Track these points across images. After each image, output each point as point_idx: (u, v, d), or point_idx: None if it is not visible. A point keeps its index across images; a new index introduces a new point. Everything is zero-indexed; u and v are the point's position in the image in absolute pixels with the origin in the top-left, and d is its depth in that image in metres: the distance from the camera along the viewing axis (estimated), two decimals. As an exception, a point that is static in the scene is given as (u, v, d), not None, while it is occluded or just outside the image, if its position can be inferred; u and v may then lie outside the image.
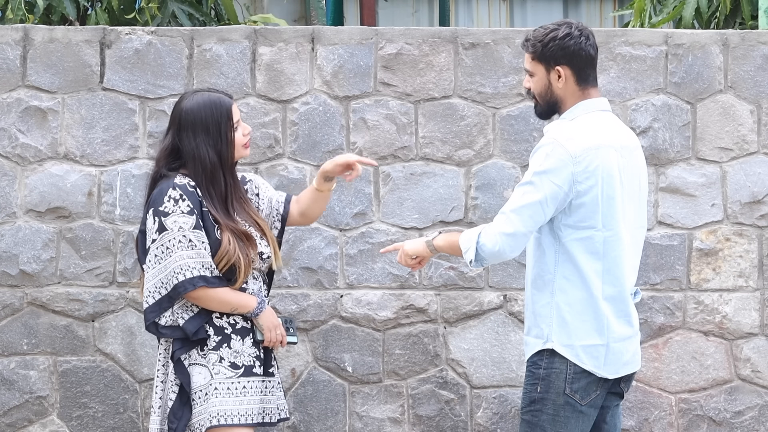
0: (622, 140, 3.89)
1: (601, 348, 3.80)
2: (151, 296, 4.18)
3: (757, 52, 5.29)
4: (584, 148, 3.77)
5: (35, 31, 5.22)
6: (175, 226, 4.12)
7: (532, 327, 3.87)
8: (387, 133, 5.24)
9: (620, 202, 3.82)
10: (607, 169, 3.79)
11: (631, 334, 3.90)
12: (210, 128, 4.16)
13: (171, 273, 4.13)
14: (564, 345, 3.79)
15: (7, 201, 5.19)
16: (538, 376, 3.82)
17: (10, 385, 5.18)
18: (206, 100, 4.20)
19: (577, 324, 3.78)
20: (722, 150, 5.28)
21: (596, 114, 3.88)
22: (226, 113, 4.18)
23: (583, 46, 3.86)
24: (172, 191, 4.15)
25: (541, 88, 3.91)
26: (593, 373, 3.79)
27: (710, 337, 5.28)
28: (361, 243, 5.22)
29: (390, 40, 5.26)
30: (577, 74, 3.87)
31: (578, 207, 3.77)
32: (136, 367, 5.19)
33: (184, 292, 4.14)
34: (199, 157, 4.16)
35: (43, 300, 5.18)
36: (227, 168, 4.21)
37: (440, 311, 5.23)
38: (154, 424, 4.32)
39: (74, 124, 5.20)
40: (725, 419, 5.26)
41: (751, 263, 5.27)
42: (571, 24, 3.88)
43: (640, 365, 4.00)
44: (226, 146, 4.17)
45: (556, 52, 3.85)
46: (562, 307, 3.80)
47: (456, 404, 5.23)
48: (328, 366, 5.23)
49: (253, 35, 5.25)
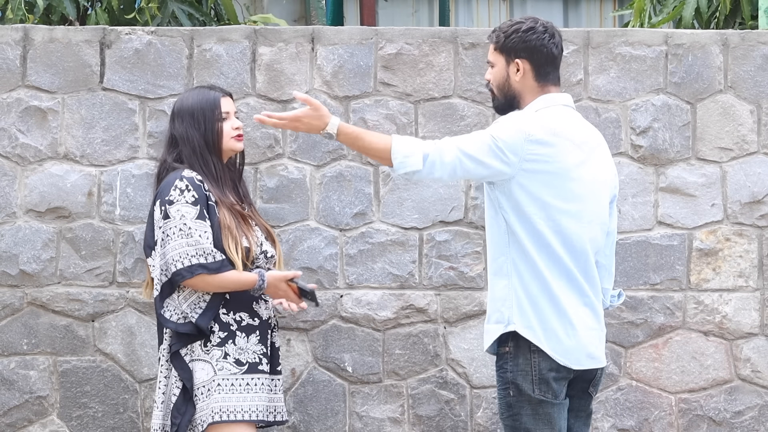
0: (582, 136, 3.88)
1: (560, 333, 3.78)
2: (158, 285, 4.25)
3: (757, 52, 5.29)
4: (542, 132, 3.78)
5: (35, 31, 5.22)
6: (177, 215, 4.21)
7: (492, 313, 3.87)
8: (387, 133, 5.24)
9: (575, 193, 3.80)
10: (562, 160, 3.79)
11: (594, 327, 3.89)
12: (196, 114, 4.37)
13: (170, 261, 4.19)
14: (525, 327, 3.79)
15: (7, 201, 5.19)
16: (507, 380, 3.82)
17: (10, 385, 5.18)
18: (197, 91, 4.46)
19: (534, 308, 3.79)
20: (722, 150, 5.28)
21: (559, 108, 3.88)
22: (212, 102, 4.38)
23: (545, 42, 3.86)
24: (179, 182, 4.28)
25: (499, 80, 3.92)
26: (556, 361, 3.78)
27: (710, 337, 5.28)
28: (361, 243, 5.22)
29: (390, 40, 5.26)
30: (536, 70, 3.88)
31: (521, 188, 3.77)
32: (136, 367, 5.19)
33: (182, 280, 4.19)
34: (188, 140, 4.36)
35: (43, 300, 5.18)
36: (215, 154, 4.37)
37: (440, 311, 5.23)
38: (157, 419, 4.33)
39: (74, 124, 5.20)
40: (725, 419, 5.27)
41: (751, 263, 5.27)
42: (538, 20, 3.91)
43: (605, 363, 4.00)
44: (211, 133, 4.35)
45: (517, 45, 3.87)
46: (517, 289, 3.80)
47: (456, 404, 5.23)
48: (328, 366, 5.23)
49: (253, 35, 5.25)
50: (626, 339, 5.24)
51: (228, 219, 4.30)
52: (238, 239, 4.29)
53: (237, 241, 4.28)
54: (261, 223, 4.50)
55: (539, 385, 3.78)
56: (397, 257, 5.22)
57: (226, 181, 4.41)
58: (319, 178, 5.23)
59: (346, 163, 5.23)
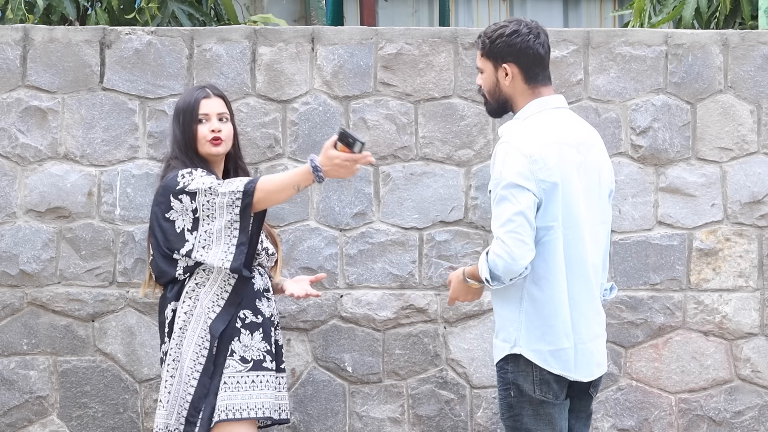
0: (578, 136, 3.85)
1: (570, 351, 3.77)
2: (229, 247, 4.21)
3: (757, 52, 5.28)
4: (538, 146, 3.73)
5: (35, 31, 5.22)
6: (203, 186, 4.19)
7: (500, 330, 3.83)
8: (387, 133, 5.24)
9: (579, 198, 3.78)
10: (565, 166, 3.76)
11: (599, 334, 3.87)
12: (178, 113, 4.42)
13: (230, 198, 4.15)
14: (532, 350, 3.76)
15: (7, 201, 5.18)
16: (508, 380, 3.80)
17: (10, 385, 5.18)
18: (188, 90, 4.52)
19: (544, 329, 3.75)
20: (722, 150, 5.28)
21: (550, 112, 3.84)
22: (192, 103, 4.39)
23: (531, 44, 3.82)
24: (182, 171, 4.30)
25: (489, 85, 3.89)
26: (565, 377, 3.78)
27: (710, 337, 5.27)
28: (361, 243, 5.22)
29: (390, 40, 5.26)
30: (525, 72, 3.83)
31: (541, 207, 3.74)
32: (136, 367, 5.19)
33: (252, 196, 4.15)
34: (174, 138, 4.42)
35: (43, 300, 5.18)
36: (196, 156, 4.38)
37: (440, 311, 5.23)
38: (161, 418, 4.30)
39: (74, 124, 5.20)
40: (725, 419, 5.26)
41: (751, 263, 5.27)
42: (522, 21, 3.85)
43: (606, 367, 3.99)
44: (188, 134, 4.37)
45: (503, 49, 3.82)
46: (529, 311, 3.77)
47: (456, 404, 5.23)
48: (328, 366, 5.23)
49: (253, 35, 5.25)
50: (626, 339, 5.24)
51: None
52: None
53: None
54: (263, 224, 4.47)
55: (540, 386, 3.77)
56: (397, 257, 5.22)
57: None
58: (319, 178, 5.23)
59: (346, 163, 5.23)
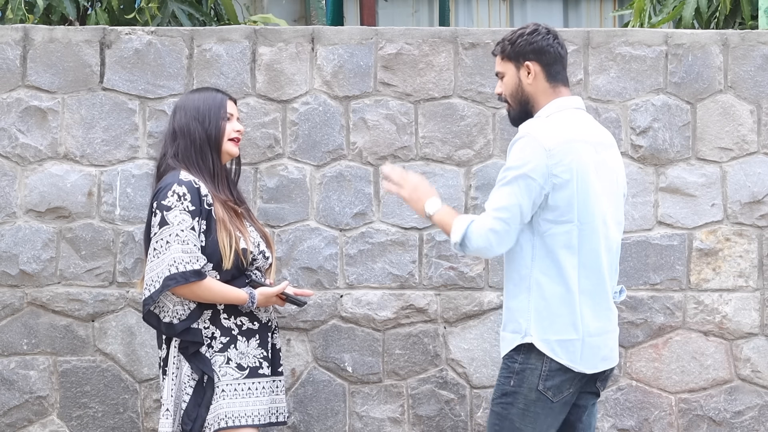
0: (597, 137, 3.93)
1: (576, 342, 3.82)
2: (148, 288, 4.23)
3: (757, 52, 5.29)
4: (558, 141, 3.80)
5: (35, 31, 5.22)
6: (175, 221, 4.20)
7: (509, 322, 3.89)
8: (387, 133, 5.25)
9: (596, 196, 3.85)
10: (582, 163, 3.82)
11: (609, 329, 3.91)
12: (201, 109, 4.38)
13: (166, 266, 4.18)
14: (541, 339, 3.81)
15: (7, 201, 5.19)
16: (512, 370, 3.85)
17: (10, 385, 5.19)
18: (205, 92, 4.48)
19: (553, 318, 3.81)
20: (722, 150, 5.29)
21: (570, 111, 3.92)
22: (219, 101, 4.40)
23: (551, 42, 3.94)
24: (177, 187, 4.26)
25: (512, 87, 3.96)
26: (570, 369, 3.81)
27: (710, 337, 5.28)
28: (361, 243, 5.23)
29: (390, 40, 5.26)
30: (546, 70, 3.92)
31: (555, 201, 3.80)
32: (136, 367, 5.19)
33: (175, 285, 4.18)
34: (189, 132, 4.36)
35: (43, 300, 5.18)
36: (215, 151, 4.37)
37: (440, 311, 5.23)
38: (167, 428, 4.29)
39: (74, 124, 5.20)
40: (725, 419, 5.27)
41: (751, 263, 5.27)
42: (539, 24, 3.99)
43: (617, 361, 4.01)
44: (214, 129, 4.36)
45: (524, 48, 3.93)
46: (538, 302, 3.82)
47: (456, 404, 5.23)
48: (328, 366, 5.23)
49: (253, 35, 5.25)
50: (626, 339, 5.24)
51: (221, 212, 4.30)
52: (233, 232, 4.29)
53: (231, 235, 4.28)
54: (258, 226, 4.49)
55: (545, 380, 3.80)
56: (397, 257, 5.22)
57: (222, 179, 4.41)
58: (319, 178, 5.23)
59: (346, 163, 5.24)
